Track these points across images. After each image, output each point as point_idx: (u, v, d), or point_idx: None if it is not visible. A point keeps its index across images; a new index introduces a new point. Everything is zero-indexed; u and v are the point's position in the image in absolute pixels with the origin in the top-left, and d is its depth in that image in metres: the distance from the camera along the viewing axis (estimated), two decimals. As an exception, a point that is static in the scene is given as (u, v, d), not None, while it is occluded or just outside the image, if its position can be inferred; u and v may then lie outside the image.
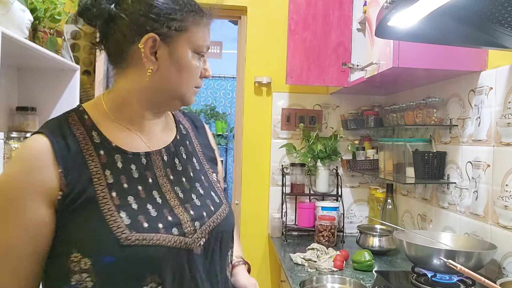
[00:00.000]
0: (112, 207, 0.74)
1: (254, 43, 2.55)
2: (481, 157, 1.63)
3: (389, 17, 1.09)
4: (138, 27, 0.79)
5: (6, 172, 0.74)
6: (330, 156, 2.40)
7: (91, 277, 0.71)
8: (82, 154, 0.76)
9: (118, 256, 0.71)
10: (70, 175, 0.73)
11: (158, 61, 0.81)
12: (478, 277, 1.04)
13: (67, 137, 0.76)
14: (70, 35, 2.27)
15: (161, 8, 0.79)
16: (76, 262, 0.71)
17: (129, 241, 0.72)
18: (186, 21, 0.82)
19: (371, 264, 1.76)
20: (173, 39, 0.81)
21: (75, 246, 0.71)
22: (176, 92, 0.84)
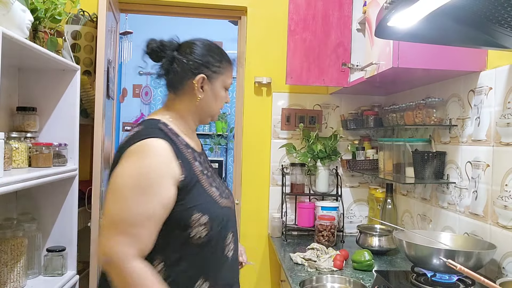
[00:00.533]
0: (207, 184, 1.15)
1: (254, 43, 2.55)
2: (480, 157, 1.63)
3: (388, 17, 1.09)
4: (194, 69, 1.20)
5: (146, 160, 1.06)
6: (330, 156, 2.41)
7: (206, 228, 1.10)
8: (181, 151, 1.12)
9: (220, 213, 1.14)
10: (184, 165, 1.10)
11: (204, 93, 1.22)
12: (478, 276, 1.04)
13: (172, 141, 1.12)
14: (71, 35, 2.27)
15: (210, 59, 1.22)
16: (197, 219, 1.08)
17: (222, 204, 1.16)
18: (223, 68, 1.25)
19: (371, 264, 1.76)
20: (214, 79, 1.23)
21: (196, 208, 1.09)
22: (211, 113, 1.27)
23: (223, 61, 1.25)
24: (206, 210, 1.10)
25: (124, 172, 1.06)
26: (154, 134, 1.10)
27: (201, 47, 1.25)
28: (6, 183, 1.28)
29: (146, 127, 1.15)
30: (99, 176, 2.06)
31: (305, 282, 1.61)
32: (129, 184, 1.04)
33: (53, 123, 1.85)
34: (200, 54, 1.23)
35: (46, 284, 1.70)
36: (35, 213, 1.81)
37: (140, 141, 1.08)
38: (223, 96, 1.26)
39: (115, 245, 1.00)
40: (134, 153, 1.07)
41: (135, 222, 1.02)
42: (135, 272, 1.00)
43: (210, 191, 1.15)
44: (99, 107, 2.06)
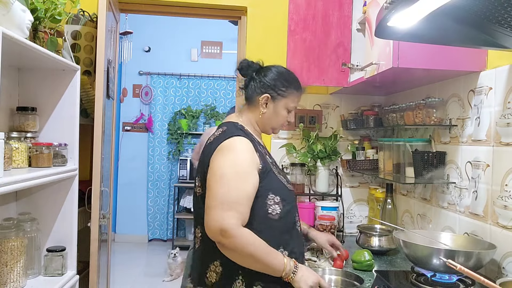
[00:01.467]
0: (276, 173, 1.43)
1: (254, 43, 2.55)
2: (480, 157, 1.63)
3: (388, 17, 1.09)
4: (264, 89, 1.49)
5: (239, 153, 1.35)
6: (330, 156, 2.40)
7: (279, 206, 1.37)
8: (257, 146, 1.41)
9: (288, 195, 1.42)
10: (260, 157, 1.39)
11: (266, 109, 1.49)
12: (478, 276, 1.04)
13: (251, 139, 1.41)
14: (71, 35, 2.27)
15: (276, 84, 1.49)
16: (272, 199, 1.37)
17: (289, 188, 1.45)
18: (287, 93, 1.49)
19: (370, 263, 1.76)
20: (277, 100, 1.49)
21: (271, 191, 1.38)
22: (271, 126, 1.53)
23: (290, 87, 1.50)
24: (278, 192, 1.39)
25: (224, 163, 1.34)
26: (238, 133, 1.40)
27: (274, 72, 1.51)
28: (6, 183, 1.28)
29: (230, 128, 1.44)
30: (99, 176, 2.06)
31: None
32: (230, 173, 1.32)
33: (53, 123, 1.85)
34: (270, 78, 1.50)
35: (46, 284, 1.70)
36: (35, 213, 1.80)
37: (228, 138, 1.38)
38: (284, 115, 1.51)
39: (226, 218, 1.26)
40: (227, 148, 1.36)
41: (238, 200, 1.29)
42: (245, 234, 1.27)
43: (280, 178, 1.43)
44: (99, 107, 2.06)
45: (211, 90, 5.71)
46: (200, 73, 5.66)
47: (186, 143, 5.63)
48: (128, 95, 5.61)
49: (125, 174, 5.58)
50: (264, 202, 1.35)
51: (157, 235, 5.66)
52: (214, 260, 1.36)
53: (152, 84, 5.64)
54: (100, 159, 2.06)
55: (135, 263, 4.77)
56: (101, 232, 2.16)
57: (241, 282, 1.32)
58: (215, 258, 1.36)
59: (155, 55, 5.64)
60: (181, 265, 4.21)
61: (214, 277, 1.36)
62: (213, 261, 1.37)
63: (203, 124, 5.65)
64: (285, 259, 1.31)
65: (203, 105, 5.66)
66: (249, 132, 1.47)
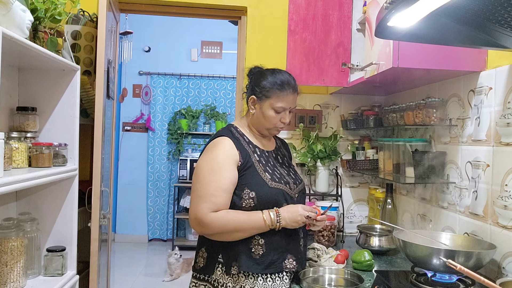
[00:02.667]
0: (261, 170, 1.53)
1: (254, 43, 2.55)
2: (480, 157, 1.63)
3: (388, 18, 1.09)
4: (251, 90, 1.61)
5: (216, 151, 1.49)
6: (330, 156, 2.40)
7: (253, 201, 1.48)
8: (243, 146, 1.54)
9: (267, 192, 1.50)
10: (242, 154, 1.51)
11: (254, 110, 1.59)
12: (478, 276, 1.04)
13: (235, 138, 1.55)
14: (71, 35, 2.27)
15: (260, 85, 1.57)
16: (247, 193, 1.48)
17: (271, 185, 1.51)
18: (270, 93, 1.55)
19: (370, 263, 1.76)
20: (262, 100, 1.57)
21: (247, 185, 1.48)
22: (264, 126, 1.60)
23: (273, 88, 1.55)
24: (254, 188, 1.49)
25: (203, 161, 1.51)
26: (223, 134, 1.56)
27: (262, 75, 1.59)
28: (6, 183, 1.28)
29: (221, 130, 1.60)
30: (99, 176, 2.06)
31: (305, 273, 1.62)
32: (206, 169, 1.48)
33: (53, 123, 1.85)
34: (257, 80, 1.59)
35: (46, 284, 1.70)
36: (35, 213, 1.81)
37: (213, 139, 1.55)
38: (271, 116, 1.56)
39: (199, 209, 1.43)
40: (209, 147, 1.54)
41: (211, 192, 1.44)
42: (217, 217, 1.43)
43: (263, 175, 1.52)
44: (99, 107, 2.06)
45: (211, 90, 5.71)
46: (200, 73, 5.66)
47: (186, 143, 5.63)
48: (128, 95, 5.61)
49: (125, 174, 5.58)
50: (240, 195, 1.49)
51: (157, 235, 5.66)
52: (201, 247, 1.56)
53: (152, 84, 5.64)
54: (100, 159, 2.06)
55: (135, 263, 4.77)
56: (101, 232, 2.16)
57: (221, 265, 1.49)
58: (202, 245, 1.56)
59: (155, 55, 5.64)
60: (181, 265, 4.21)
61: (201, 262, 1.55)
62: (200, 248, 1.57)
63: (203, 124, 5.65)
64: (263, 214, 1.46)
65: (203, 105, 5.66)
66: (241, 132, 1.60)
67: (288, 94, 1.55)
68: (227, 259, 1.48)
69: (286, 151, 1.79)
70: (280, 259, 1.51)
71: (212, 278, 1.51)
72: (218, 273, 1.49)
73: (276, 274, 1.51)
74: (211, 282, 1.51)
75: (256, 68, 1.67)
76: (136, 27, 4.76)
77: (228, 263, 1.48)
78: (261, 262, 1.48)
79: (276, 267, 1.50)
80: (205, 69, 5.68)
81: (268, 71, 1.61)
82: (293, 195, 1.59)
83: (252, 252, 1.48)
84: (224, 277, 1.49)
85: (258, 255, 1.48)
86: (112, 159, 2.64)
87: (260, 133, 1.64)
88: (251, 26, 2.55)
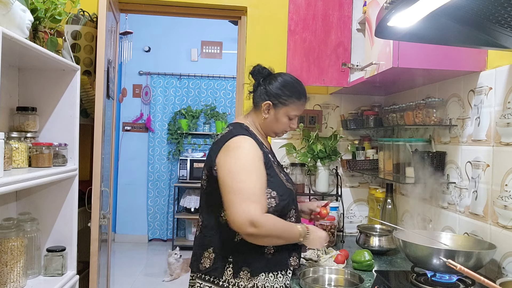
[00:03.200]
0: (277, 170, 1.56)
1: (254, 43, 2.55)
2: (480, 157, 1.63)
3: (388, 17, 1.09)
4: (267, 96, 1.58)
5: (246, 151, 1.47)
6: (330, 156, 2.40)
7: (275, 201, 1.48)
8: (261, 146, 1.53)
9: (285, 192, 1.53)
10: (264, 153, 1.51)
11: (268, 115, 1.59)
12: (478, 276, 1.04)
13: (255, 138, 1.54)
14: (71, 35, 2.27)
15: (278, 93, 1.57)
16: (269, 193, 1.47)
17: (287, 186, 1.55)
18: (288, 102, 1.57)
19: (371, 263, 1.76)
20: (278, 108, 1.58)
21: (269, 185, 1.48)
22: (273, 130, 1.63)
23: (292, 97, 1.57)
24: (275, 187, 1.49)
25: (234, 161, 1.45)
26: (243, 133, 1.52)
27: (279, 81, 1.59)
28: (6, 183, 1.28)
29: (236, 127, 1.56)
30: (99, 176, 2.06)
31: (305, 273, 1.62)
32: (243, 169, 1.44)
33: (53, 123, 1.85)
34: (275, 86, 1.58)
35: (46, 284, 1.70)
36: (35, 213, 1.81)
37: (233, 137, 1.49)
38: (284, 122, 1.60)
39: (253, 210, 1.38)
40: (233, 147, 1.47)
41: (257, 192, 1.42)
42: (269, 219, 1.42)
43: (280, 175, 1.55)
44: (99, 107, 2.06)
45: (211, 90, 5.71)
46: (200, 73, 5.66)
47: (186, 143, 5.63)
48: (128, 95, 5.61)
49: (125, 174, 5.58)
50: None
51: (157, 235, 5.66)
52: (208, 247, 1.51)
53: (152, 84, 5.64)
54: (100, 159, 2.06)
55: (135, 263, 4.77)
56: (101, 232, 2.16)
57: (230, 268, 1.46)
58: (210, 245, 1.51)
59: (155, 55, 5.64)
60: (181, 265, 4.21)
61: (207, 263, 1.49)
62: (207, 248, 1.51)
63: (203, 124, 5.65)
64: (299, 226, 1.51)
65: (203, 105, 5.66)
66: (253, 132, 1.58)
67: (304, 103, 1.61)
68: (236, 262, 1.47)
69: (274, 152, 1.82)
70: (287, 256, 1.54)
71: (222, 280, 1.47)
72: (229, 273, 1.47)
73: (284, 270, 1.54)
74: (220, 284, 1.47)
75: (263, 69, 1.64)
76: (136, 27, 4.76)
77: (238, 266, 1.46)
78: (272, 260, 1.50)
79: (284, 264, 1.53)
80: (205, 69, 5.68)
81: (280, 77, 1.61)
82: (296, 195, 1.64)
83: (265, 253, 1.49)
84: (234, 277, 1.47)
85: (270, 254, 1.50)
86: (112, 159, 2.64)
87: (266, 135, 1.67)
88: (251, 26, 2.55)
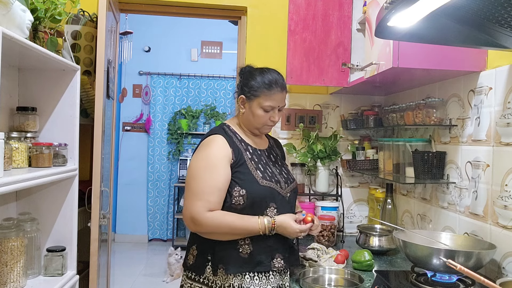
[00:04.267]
0: (253, 167, 1.54)
1: (254, 43, 2.55)
2: (480, 157, 1.63)
3: (389, 17, 1.09)
4: (240, 90, 1.61)
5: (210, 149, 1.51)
6: (330, 156, 2.41)
7: (243, 199, 1.48)
8: (234, 143, 1.56)
9: (257, 190, 1.50)
10: (234, 151, 1.52)
11: (244, 109, 1.60)
12: (478, 276, 1.04)
13: (228, 136, 1.56)
14: (71, 35, 2.27)
15: (249, 84, 1.57)
16: (238, 191, 1.48)
17: (262, 183, 1.52)
18: (258, 92, 1.56)
19: (370, 263, 1.76)
20: (251, 100, 1.57)
21: (238, 184, 1.49)
22: (252, 125, 1.61)
23: (261, 87, 1.55)
24: (245, 185, 1.49)
25: (197, 158, 1.52)
26: (216, 132, 1.57)
27: (251, 74, 1.59)
28: (6, 183, 1.27)
29: (214, 128, 1.63)
30: (99, 176, 2.06)
31: (305, 273, 1.62)
32: (200, 167, 1.49)
33: (53, 123, 1.85)
34: (247, 80, 1.59)
35: (46, 284, 1.70)
36: (35, 213, 1.80)
37: (207, 137, 1.56)
38: (260, 115, 1.56)
39: (194, 207, 1.45)
40: (202, 145, 1.55)
41: (205, 190, 1.45)
42: (213, 217, 1.44)
43: (254, 172, 1.53)
44: (99, 107, 2.06)
45: (211, 90, 5.71)
46: (200, 73, 5.66)
47: (186, 143, 5.63)
48: (128, 95, 5.61)
49: (125, 174, 5.57)
50: (231, 193, 1.49)
51: (157, 235, 5.66)
52: (192, 245, 1.57)
53: (152, 84, 5.63)
54: (100, 159, 2.06)
55: (135, 263, 4.77)
56: (101, 232, 2.16)
57: (209, 266, 1.50)
58: (193, 243, 1.57)
59: (155, 55, 5.64)
60: (181, 266, 4.20)
61: (191, 259, 1.55)
62: (192, 245, 1.57)
63: (203, 124, 5.65)
64: (259, 220, 1.47)
65: (203, 105, 5.66)
66: (234, 130, 1.61)
67: (276, 93, 1.55)
68: (214, 260, 1.49)
69: (279, 150, 1.79)
70: (269, 258, 1.51)
71: (203, 277, 1.51)
72: (208, 271, 1.50)
73: (264, 272, 1.51)
74: (201, 281, 1.51)
75: (246, 67, 1.66)
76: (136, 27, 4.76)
77: (215, 264, 1.49)
78: (249, 261, 1.48)
79: (265, 266, 1.50)
80: (205, 69, 5.68)
81: (257, 71, 1.61)
82: (285, 194, 1.58)
83: (240, 252, 1.48)
84: (213, 275, 1.50)
85: (246, 254, 1.49)
86: (112, 159, 2.64)
87: (251, 132, 1.64)
88: (251, 26, 2.55)
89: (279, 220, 1.49)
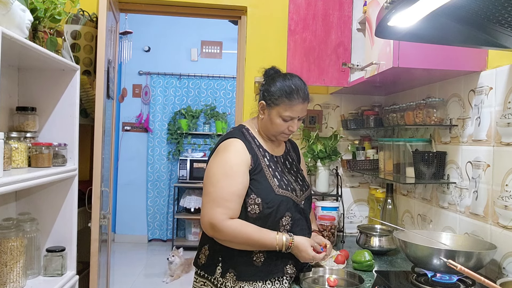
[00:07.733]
0: (270, 175, 1.52)
1: (254, 43, 2.55)
2: (481, 157, 1.63)
3: (389, 17, 1.09)
4: (262, 96, 1.58)
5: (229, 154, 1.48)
6: (330, 156, 2.40)
7: (259, 208, 1.47)
8: (253, 148, 1.53)
9: (273, 199, 1.48)
10: (253, 158, 1.50)
11: (263, 115, 1.57)
12: (478, 277, 1.04)
13: (247, 141, 1.54)
14: (70, 35, 2.27)
15: (271, 92, 1.54)
16: (253, 199, 1.47)
17: (278, 192, 1.50)
18: (278, 102, 1.52)
19: (371, 264, 1.76)
20: (271, 108, 1.54)
21: (254, 192, 1.47)
22: (270, 132, 1.59)
23: (282, 97, 1.52)
24: (261, 194, 1.48)
25: (215, 164, 1.49)
26: (235, 135, 1.54)
27: (275, 81, 1.56)
28: (6, 183, 1.27)
29: (232, 130, 1.60)
30: (99, 176, 2.06)
31: (305, 273, 1.61)
32: (219, 173, 1.46)
33: (53, 123, 1.85)
34: (269, 86, 1.56)
35: (46, 284, 1.70)
36: (35, 213, 1.80)
37: (225, 140, 1.53)
38: (279, 124, 1.54)
39: (214, 214, 1.42)
40: (220, 149, 1.51)
41: (225, 197, 1.43)
42: (233, 226, 1.43)
43: (271, 180, 1.51)
44: (100, 107, 2.06)
45: (211, 90, 5.71)
46: (200, 73, 5.66)
47: (186, 143, 5.62)
48: (128, 95, 5.61)
49: (125, 174, 5.57)
50: (246, 200, 1.48)
51: (157, 235, 5.66)
52: (205, 245, 1.56)
53: (152, 84, 5.63)
54: (100, 159, 2.06)
55: (135, 263, 4.77)
56: (101, 232, 2.15)
57: (220, 267, 1.50)
58: (206, 243, 1.56)
59: (155, 55, 5.64)
60: (182, 266, 4.20)
61: (203, 259, 1.55)
62: (204, 245, 1.57)
63: (203, 124, 5.65)
64: (277, 235, 1.47)
65: (203, 105, 5.66)
66: (253, 135, 1.59)
67: (297, 104, 1.52)
68: (225, 263, 1.49)
69: (295, 154, 1.77)
70: (281, 265, 1.51)
71: (213, 277, 1.51)
72: (218, 271, 1.50)
73: (277, 278, 1.52)
74: (212, 281, 1.52)
75: (271, 70, 1.63)
76: (136, 27, 4.76)
77: (226, 268, 1.48)
78: (262, 269, 1.48)
79: (278, 272, 1.51)
80: (205, 69, 5.68)
81: (279, 77, 1.57)
82: (299, 202, 1.58)
83: (253, 260, 1.49)
84: (222, 277, 1.50)
85: (260, 263, 1.49)
86: (112, 159, 2.64)
87: (268, 138, 1.62)
88: (251, 26, 2.55)
89: (297, 242, 1.48)
